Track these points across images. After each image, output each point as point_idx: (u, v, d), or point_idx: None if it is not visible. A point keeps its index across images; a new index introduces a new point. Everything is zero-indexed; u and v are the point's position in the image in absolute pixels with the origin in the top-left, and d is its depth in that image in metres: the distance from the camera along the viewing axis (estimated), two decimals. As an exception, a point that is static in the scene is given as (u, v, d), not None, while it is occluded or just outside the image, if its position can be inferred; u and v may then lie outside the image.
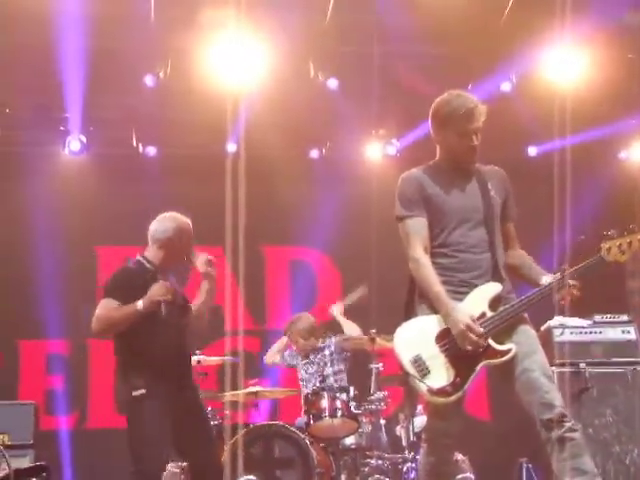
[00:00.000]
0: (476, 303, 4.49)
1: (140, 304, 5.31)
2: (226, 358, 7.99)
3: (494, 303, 4.51)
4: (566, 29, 8.02)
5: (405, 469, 7.25)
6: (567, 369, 7.25)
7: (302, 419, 7.45)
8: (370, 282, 10.84)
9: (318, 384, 7.74)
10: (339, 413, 7.10)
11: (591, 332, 7.40)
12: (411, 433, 7.31)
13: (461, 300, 4.49)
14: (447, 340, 4.43)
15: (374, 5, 8.67)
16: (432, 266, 4.53)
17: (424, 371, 4.39)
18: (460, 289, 4.52)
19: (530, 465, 8.08)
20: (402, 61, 9.68)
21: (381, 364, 7.41)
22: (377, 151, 10.78)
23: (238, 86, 8.71)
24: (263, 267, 11.12)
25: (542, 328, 7.64)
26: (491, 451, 9.49)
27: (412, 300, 4.65)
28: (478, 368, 4.42)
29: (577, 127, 7.82)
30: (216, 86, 8.76)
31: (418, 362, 4.41)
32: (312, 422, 7.16)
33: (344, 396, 7.22)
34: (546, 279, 4.53)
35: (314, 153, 10.83)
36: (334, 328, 8.75)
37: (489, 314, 4.48)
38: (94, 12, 8.09)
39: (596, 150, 10.29)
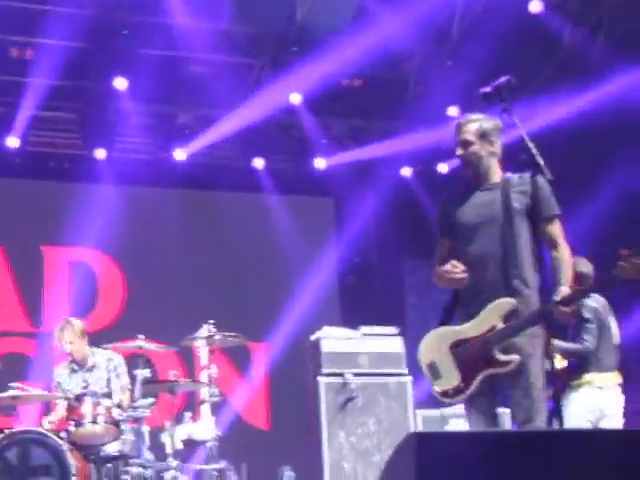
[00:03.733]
0: (488, 319, 4.71)
1: None
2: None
3: (508, 318, 4.69)
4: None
5: (169, 477, 7.12)
6: (333, 379, 7.35)
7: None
8: (154, 287, 10.75)
9: (81, 389, 7.50)
10: (101, 419, 6.88)
11: (358, 343, 7.52)
12: (177, 441, 7.21)
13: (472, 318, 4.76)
14: (459, 348, 4.75)
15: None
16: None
17: (436, 375, 4.83)
18: (469, 309, 4.81)
19: (292, 473, 8.15)
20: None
21: (148, 370, 7.23)
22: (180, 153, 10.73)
23: None
24: (41, 267, 10.77)
25: (311, 337, 7.73)
26: (266, 459, 9.56)
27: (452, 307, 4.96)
28: (480, 376, 4.68)
29: None
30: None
31: (432, 367, 4.84)
32: (73, 428, 6.91)
33: (108, 402, 7.03)
34: (555, 297, 4.60)
35: (100, 153, 10.54)
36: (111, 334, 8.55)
37: (499, 326, 4.68)
38: None
39: None
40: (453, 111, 10.67)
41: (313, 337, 7.70)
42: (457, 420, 8.04)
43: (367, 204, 11.25)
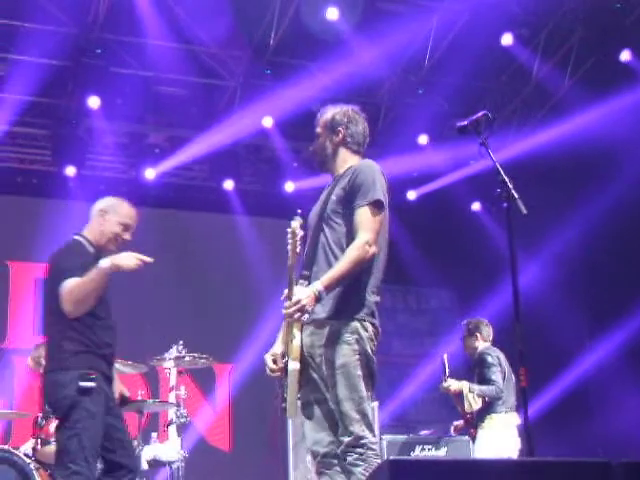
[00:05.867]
0: None
1: (106, 266, 5.04)
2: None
3: None
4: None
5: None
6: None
7: (29, 443, 7.14)
8: (119, 305, 10.70)
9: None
10: (68, 438, 6.83)
11: None
12: (143, 461, 7.20)
13: None
14: None
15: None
16: None
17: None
18: None
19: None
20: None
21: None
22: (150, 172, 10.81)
23: None
24: (7, 283, 10.72)
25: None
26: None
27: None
28: None
29: None
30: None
31: None
32: (39, 447, 6.87)
33: (75, 421, 6.96)
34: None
35: (70, 170, 10.53)
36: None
37: None
38: None
39: None
40: (423, 139, 10.82)
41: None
42: (423, 446, 8.13)
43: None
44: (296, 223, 4.40)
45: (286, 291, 4.39)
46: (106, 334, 5.40)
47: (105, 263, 5.16)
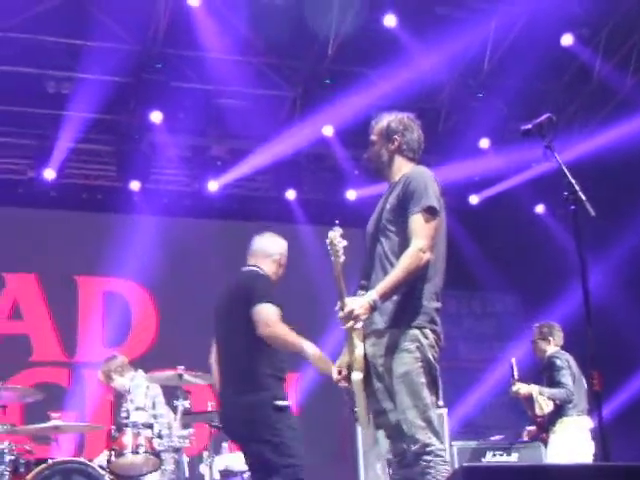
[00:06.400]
0: None
1: (311, 353, 5.37)
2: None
3: None
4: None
5: (208, 508, 7.18)
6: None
7: (103, 455, 7.25)
8: (187, 317, 10.81)
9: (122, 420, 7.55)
10: (142, 450, 6.93)
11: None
12: (215, 471, 7.26)
13: None
14: None
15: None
16: None
17: None
18: None
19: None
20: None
21: (188, 401, 7.29)
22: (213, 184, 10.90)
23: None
24: (76, 297, 10.89)
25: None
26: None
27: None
28: None
29: None
30: None
31: None
32: (114, 458, 6.96)
33: (148, 432, 7.05)
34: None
35: (134, 185, 10.69)
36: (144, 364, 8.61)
37: None
38: None
39: None
40: (484, 143, 10.76)
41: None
42: (494, 452, 8.08)
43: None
44: (334, 233, 4.43)
45: (339, 302, 4.39)
46: (285, 359, 5.66)
47: (311, 350, 5.42)
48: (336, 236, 4.40)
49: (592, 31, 9.95)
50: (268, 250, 5.87)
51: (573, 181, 4.67)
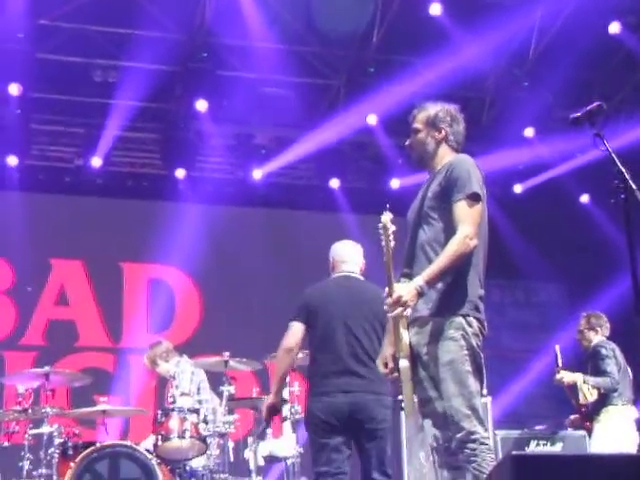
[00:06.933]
0: None
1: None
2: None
3: None
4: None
5: (253, 494, 7.23)
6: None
7: (150, 440, 7.34)
8: (231, 304, 10.88)
9: (168, 405, 7.63)
10: (188, 434, 7.01)
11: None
12: (259, 457, 7.31)
13: None
14: None
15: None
16: None
17: None
18: None
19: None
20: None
21: (233, 387, 7.35)
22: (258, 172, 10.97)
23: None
24: (121, 284, 11.01)
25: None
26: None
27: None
28: None
29: None
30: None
31: None
32: (160, 443, 7.04)
33: (194, 417, 7.12)
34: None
35: (180, 173, 10.78)
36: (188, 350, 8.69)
37: None
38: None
39: None
40: (529, 132, 10.71)
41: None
42: (538, 441, 8.06)
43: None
44: (386, 217, 4.41)
45: (387, 289, 4.39)
46: None
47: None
48: (388, 220, 4.41)
49: (639, 18, 9.85)
50: (361, 257, 6.13)
51: (623, 169, 4.64)
